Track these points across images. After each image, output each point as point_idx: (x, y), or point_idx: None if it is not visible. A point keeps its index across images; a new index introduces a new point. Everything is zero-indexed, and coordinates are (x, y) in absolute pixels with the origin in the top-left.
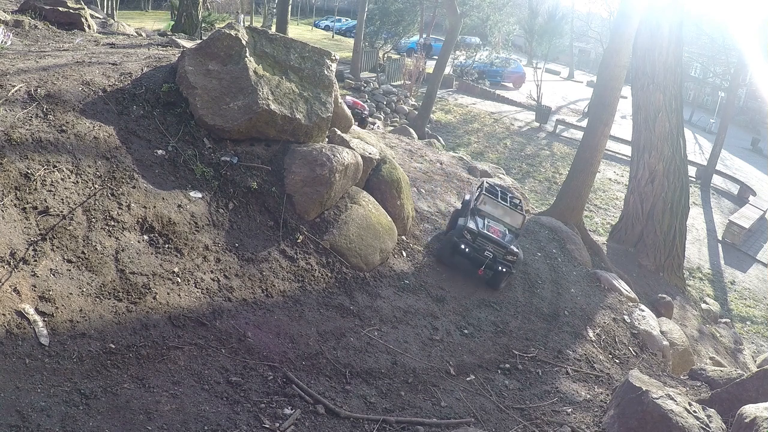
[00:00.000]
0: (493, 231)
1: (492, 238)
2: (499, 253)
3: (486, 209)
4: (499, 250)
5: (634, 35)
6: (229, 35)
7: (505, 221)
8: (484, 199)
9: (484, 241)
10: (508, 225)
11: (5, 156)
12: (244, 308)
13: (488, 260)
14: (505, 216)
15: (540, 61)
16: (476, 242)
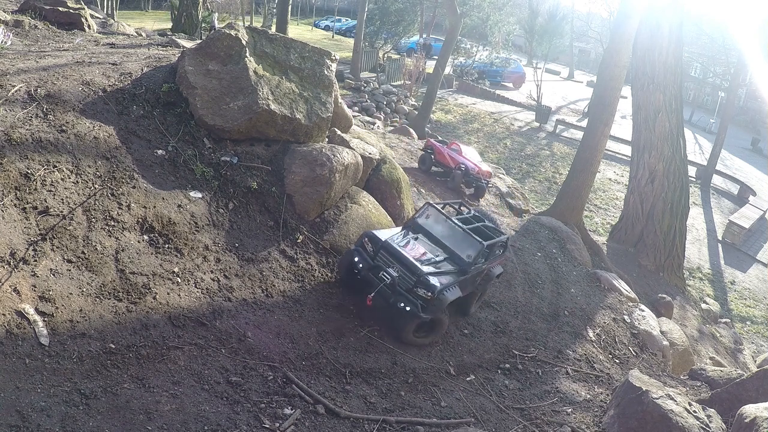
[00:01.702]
0: (412, 250)
1: (401, 256)
2: (406, 282)
3: (425, 223)
4: (406, 277)
5: (634, 35)
6: (229, 35)
7: (448, 246)
8: (428, 212)
9: (388, 258)
10: (452, 253)
11: (5, 156)
12: (244, 308)
13: (383, 286)
14: (450, 239)
15: (540, 61)
16: (377, 258)
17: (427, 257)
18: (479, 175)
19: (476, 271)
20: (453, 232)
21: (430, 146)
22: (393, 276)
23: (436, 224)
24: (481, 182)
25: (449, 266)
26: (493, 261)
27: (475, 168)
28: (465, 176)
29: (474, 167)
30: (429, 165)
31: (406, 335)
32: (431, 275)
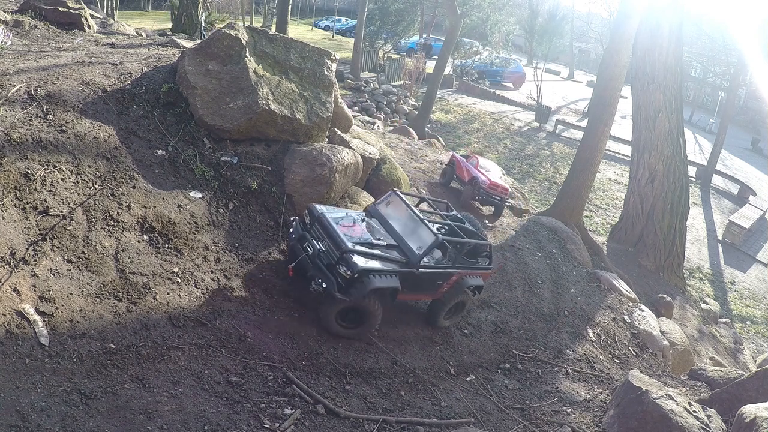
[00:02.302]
0: (351, 228)
1: (332, 231)
2: (329, 257)
3: (384, 209)
4: (332, 252)
5: (634, 35)
6: (229, 35)
7: (400, 235)
8: (390, 198)
9: (319, 230)
10: (403, 243)
11: (5, 156)
12: (244, 308)
13: (306, 257)
14: (404, 229)
15: (540, 61)
16: (312, 230)
17: (365, 239)
18: (490, 190)
19: (434, 271)
20: (410, 222)
21: (452, 160)
22: (315, 248)
23: (395, 212)
24: (493, 198)
25: (392, 255)
26: (467, 269)
27: (486, 182)
28: (475, 191)
29: (485, 181)
30: (449, 179)
31: (328, 320)
32: (359, 255)
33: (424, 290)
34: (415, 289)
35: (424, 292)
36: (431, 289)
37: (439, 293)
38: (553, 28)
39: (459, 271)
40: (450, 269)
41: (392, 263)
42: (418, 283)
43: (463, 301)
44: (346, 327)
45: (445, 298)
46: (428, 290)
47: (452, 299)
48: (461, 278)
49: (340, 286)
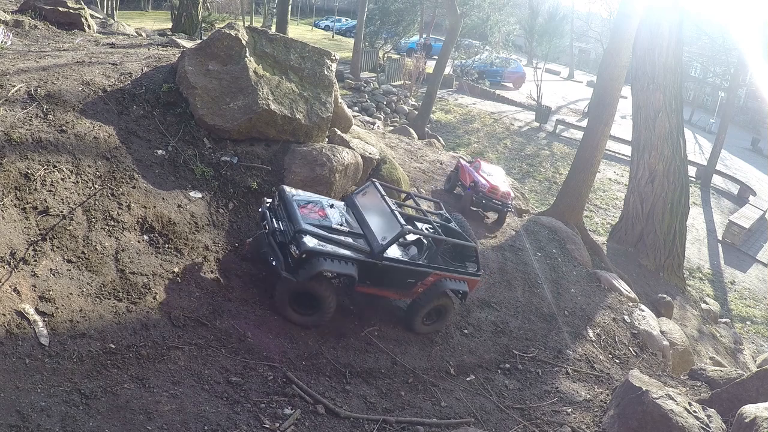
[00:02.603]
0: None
1: (292, 211)
2: (285, 236)
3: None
4: (288, 231)
5: (634, 35)
6: (229, 35)
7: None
8: (368, 189)
9: (282, 210)
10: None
11: (5, 156)
12: (244, 308)
13: (262, 234)
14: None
15: (540, 61)
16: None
17: (326, 224)
18: (491, 194)
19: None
20: (382, 213)
21: (457, 166)
22: (272, 226)
23: (370, 202)
24: (494, 203)
25: (352, 242)
26: (447, 271)
27: (486, 185)
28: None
29: (485, 184)
30: (453, 185)
31: (282, 303)
32: (313, 236)
33: (392, 286)
34: (380, 284)
35: (392, 288)
36: (402, 286)
37: (414, 293)
38: (553, 28)
39: (436, 272)
40: (424, 268)
41: (350, 250)
42: (384, 277)
43: (445, 307)
44: (300, 313)
45: (422, 300)
46: (398, 287)
47: (429, 302)
48: (440, 280)
49: (288, 266)
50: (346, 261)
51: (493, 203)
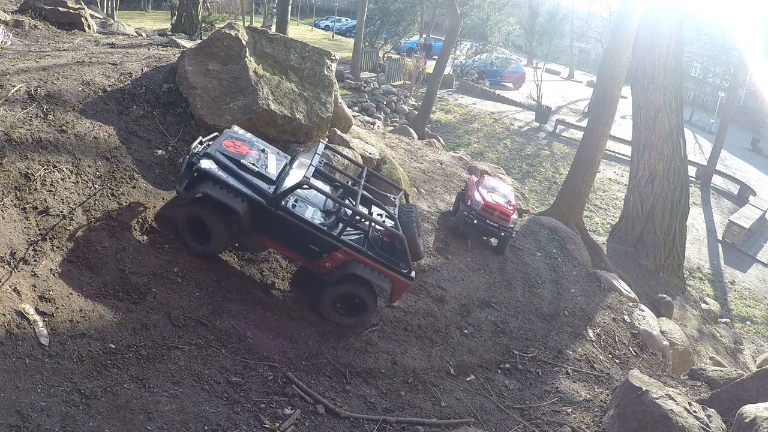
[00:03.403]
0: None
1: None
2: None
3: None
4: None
5: (634, 35)
6: (229, 35)
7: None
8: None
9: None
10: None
11: (5, 156)
12: (244, 308)
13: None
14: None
15: (540, 61)
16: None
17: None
18: (484, 214)
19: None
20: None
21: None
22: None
23: (305, 158)
24: (488, 224)
25: (256, 183)
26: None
27: (480, 202)
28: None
29: (478, 201)
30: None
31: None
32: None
33: (294, 248)
34: (281, 240)
35: (295, 250)
36: (305, 252)
37: (321, 267)
38: (553, 28)
39: (347, 249)
40: (328, 237)
41: (247, 186)
42: (284, 232)
43: (362, 300)
44: (196, 240)
45: (330, 280)
46: (301, 251)
47: (337, 285)
48: (351, 261)
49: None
50: (235, 194)
51: (488, 224)
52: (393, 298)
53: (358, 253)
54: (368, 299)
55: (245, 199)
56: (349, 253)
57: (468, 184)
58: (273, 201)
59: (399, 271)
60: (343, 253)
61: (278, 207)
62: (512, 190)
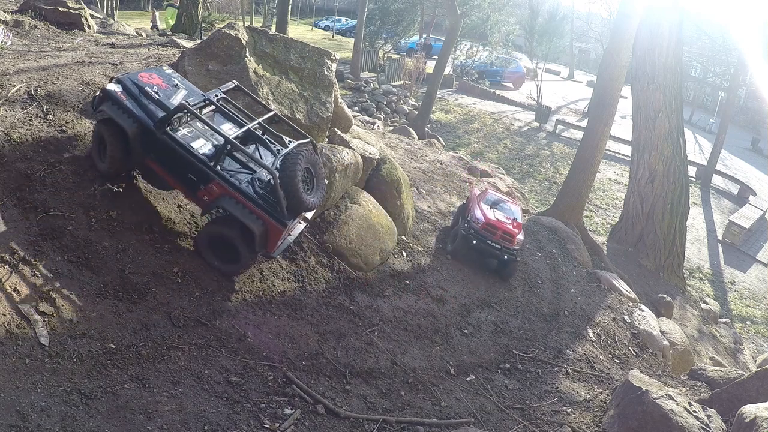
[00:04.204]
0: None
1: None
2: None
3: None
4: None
5: (634, 35)
6: (229, 35)
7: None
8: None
9: None
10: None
11: (5, 156)
12: (244, 308)
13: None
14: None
15: (540, 61)
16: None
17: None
18: (485, 233)
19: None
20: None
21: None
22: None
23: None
24: (489, 245)
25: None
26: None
27: (481, 220)
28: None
29: (479, 219)
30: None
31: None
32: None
33: (175, 175)
34: (165, 165)
35: (175, 177)
36: (184, 181)
37: (200, 200)
38: (553, 28)
39: (221, 182)
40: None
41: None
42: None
43: (229, 239)
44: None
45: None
46: (181, 180)
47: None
48: (224, 196)
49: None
50: (128, 114)
51: (489, 245)
52: (269, 245)
53: (232, 189)
54: (240, 242)
55: (136, 121)
56: (223, 186)
57: (469, 198)
58: (157, 125)
59: (271, 213)
60: (218, 186)
61: (162, 131)
62: (519, 207)
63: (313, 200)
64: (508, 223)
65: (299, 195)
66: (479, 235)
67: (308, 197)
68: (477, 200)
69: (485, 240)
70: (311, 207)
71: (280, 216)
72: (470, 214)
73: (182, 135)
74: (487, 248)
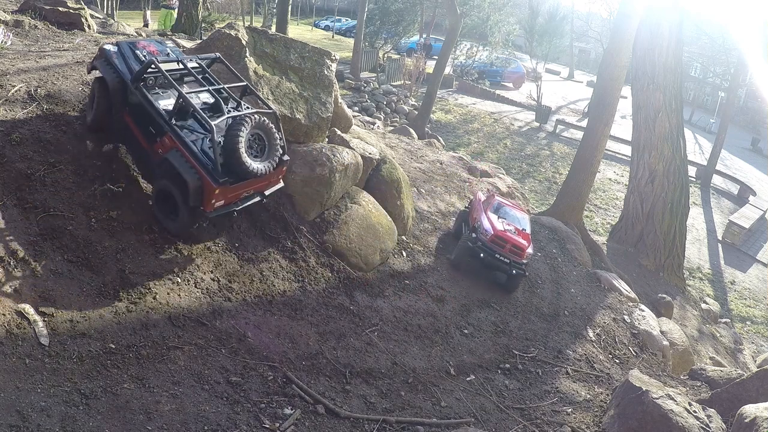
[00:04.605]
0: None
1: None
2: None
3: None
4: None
5: (634, 35)
6: (229, 35)
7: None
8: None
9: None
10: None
11: (5, 156)
12: (244, 308)
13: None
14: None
15: (540, 61)
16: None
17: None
18: (493, 245)
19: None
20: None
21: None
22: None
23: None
24: (498, 259)
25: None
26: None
27: (489, 231)
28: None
29: (487, 229)
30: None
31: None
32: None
33: (141, 127)
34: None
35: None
36: (146, 132)
37: (155, 152)
38: (553, 28)
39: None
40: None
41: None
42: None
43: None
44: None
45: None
46: (144, 132)
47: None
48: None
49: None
50: (113, 69)
51: (497, 259)
52: (205, 203)
53: (180, 143)
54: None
55: (118, 75)
56: (174, 141)
57: (473, 203)
58: (133, 79)
59: (208, 168)
60: (170, 140)
61: (135, 85)
62: (527, 215)
63: (258, 166)
64: (517, 235)
65: (240, 157)
66: (487, 248)
67: (252, 162)
68: (483, 207)
69: (493, 253)
70: (255, 172)
71: (215, 173)
72: (477, 224)
73: (154, 93)
74: (494, 262)
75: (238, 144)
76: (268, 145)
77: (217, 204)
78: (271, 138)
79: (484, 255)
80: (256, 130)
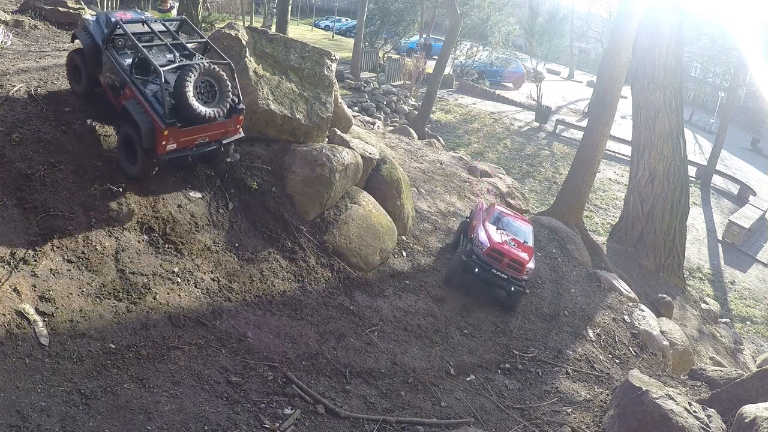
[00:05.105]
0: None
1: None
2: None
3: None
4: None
5: (634, 35)
6: (229, 35)
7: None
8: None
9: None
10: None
11: (5, 156)
12: (244, 308)
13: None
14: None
15: (540, 61)
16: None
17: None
18: (490, 259)
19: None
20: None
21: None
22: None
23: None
24: (494, 274)
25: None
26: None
27: (485, 244)
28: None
29: (483, 242)
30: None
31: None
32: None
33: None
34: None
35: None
36: (113, 87)
37: (119, 103)
38: (553, 28)
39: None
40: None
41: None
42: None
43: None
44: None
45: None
46: (112, 87)
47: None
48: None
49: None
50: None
51: (494, 274)
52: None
53: (138, 92)
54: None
55: (92, 39)
56: (132, 90)
57: (474, 212)
58: (103, 41)
59: (159, 113)
60: (129, 90)
61: (105, 46)
62: (530, 227)
63: (207, 111)
64: (517, 248)
65: (187, 100)
66: (482, 262)
67: (200, 106)
68: (482, 218)
69: (490, 268)
70: (203, 115)
71: (163, 116)
72: (474, 235)
73: (122, 53)
74: (491, 277)
75: (185, 88)
76: (219, 91)
77: (169, 147)
78: (223, 85)
79: (480, 270)
80: (206, 77)
